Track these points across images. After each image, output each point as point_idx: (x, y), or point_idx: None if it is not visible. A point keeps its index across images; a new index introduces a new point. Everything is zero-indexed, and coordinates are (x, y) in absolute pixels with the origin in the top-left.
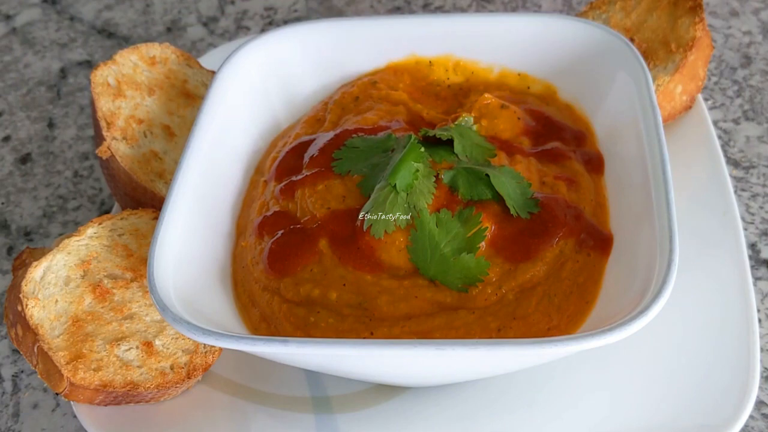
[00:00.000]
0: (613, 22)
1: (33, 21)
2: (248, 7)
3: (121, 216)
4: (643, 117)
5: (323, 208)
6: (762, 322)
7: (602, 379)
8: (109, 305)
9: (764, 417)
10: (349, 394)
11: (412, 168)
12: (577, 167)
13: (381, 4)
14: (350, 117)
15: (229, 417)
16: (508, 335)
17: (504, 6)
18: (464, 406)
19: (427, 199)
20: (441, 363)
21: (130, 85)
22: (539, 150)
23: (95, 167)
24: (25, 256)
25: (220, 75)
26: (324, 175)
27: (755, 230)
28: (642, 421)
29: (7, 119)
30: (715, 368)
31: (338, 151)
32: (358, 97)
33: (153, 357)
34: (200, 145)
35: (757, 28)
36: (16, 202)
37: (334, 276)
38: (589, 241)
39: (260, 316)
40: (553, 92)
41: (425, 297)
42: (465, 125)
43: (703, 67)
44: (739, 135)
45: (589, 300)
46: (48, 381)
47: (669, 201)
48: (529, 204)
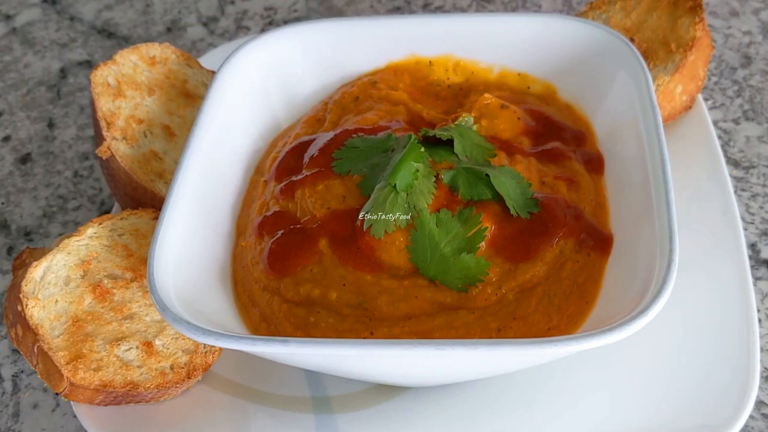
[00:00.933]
0: (613, 22)
1: (33, 21)
2: (248, 7)
3: (121, 216)
4: (643, 117)
5: (323, 208)
6: (762, 322)
7: (602, 379)
8: (109, 305)
9: (764, 417)
10: (349, 394)
11: (412, 168)
12: (577, 167)
13: (381, 4)
14: (350, 117)
15: (229, 417)
16: (508, 335)
17: (504, 6)
18: (464, 406)
19: (427, 199)
20: (441, 363)
21: (130, 85)
22: (539, 150)
23: (95, 167)
24: (25, 256)
25: (220, 75)
26: (324, 175)
27: (755, 230)
28: (642, 421)
29: (7, 119)
30: (715, 368)
31: (338, 151)
32: (358, 97)
33: (153, 357)
34: (200, 145)
35: (757, 28)
36: (16, 202)
37: (334, 276)
38: (589, 241)
39: (260, 316)
40: (553, 92)
41: (425, 297)
42: (465, 125)
43: (703, 67)
44: (739, 135)
45: (589, 300)
46: (48, 381)
47: (669, 201)
48: (529, 204)
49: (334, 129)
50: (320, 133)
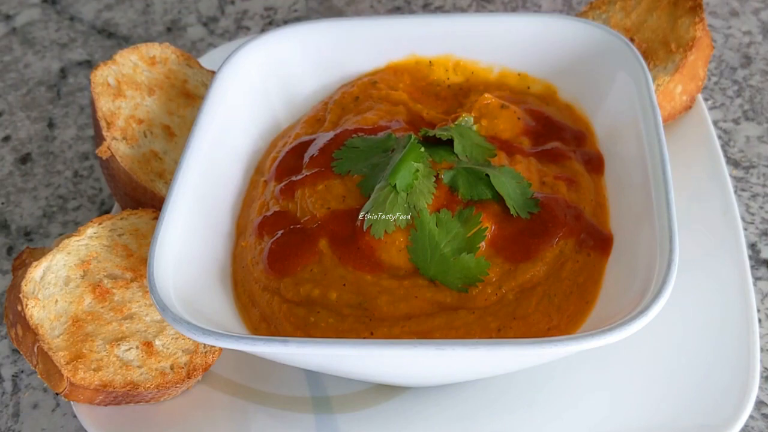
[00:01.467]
0: (613, 22)
1: (33, 21)
2: (248, 7)
3: (121, 216)
4: (643, 117)
5: (323, 208)
6: (762, 322)
7: (602, 379)
8: (109, 305)
9: (764, 417)
10: (349, 394)
11: (412, 168)
12: (577, 167)
13: (381, 4)
14: (350, 117)
15: (229, 417)
16: (508, 335)
17: (504, 6)
18: (464, 406)
19: (427, 199)
20: (441, 363)
21: (130, 85)
22: (539, 150)
23: (95, 167)
24: (25, 256)
25: (220, 75)
26: (324, 175)
27: (755, 230)
28: (642, 421)
29: (7, 119)
30: (715, 368)
31: (338, 151)
32: (358, 97)
33: (153, 357)
34: (200, 145)
35: (757, 28)
36: (16, 202)
37: (334, 276)
38: (589, 241)
39: (260, 316)
40: (553, 92)
41: (425, 297)
42: (465, 125)
43: (703, 67)
44: (739, 135)
45: (589, 300)
46: (48, 381)
47: (669, 201)
48: (529, 204)
49: (334, 129)
50: (320, 133)
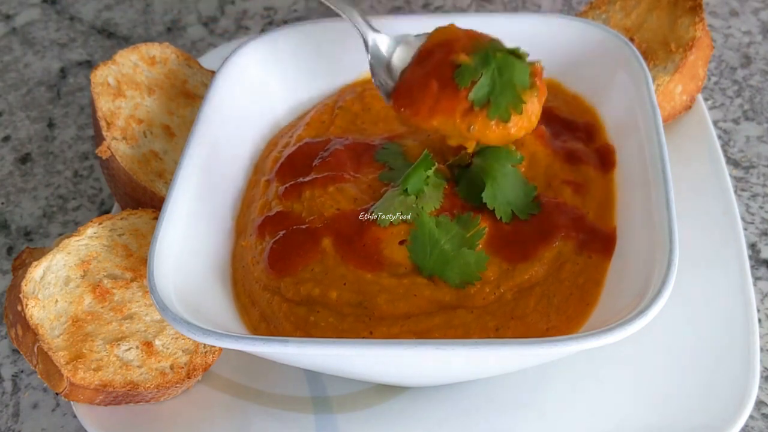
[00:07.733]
0: (613, 22)
1: (33, 21)
2: (248, 7)
3: (121, 216)
4: (643, 117)
5: (332, 209)
6: (762, 322)
7: (602, 379)
8: (109, 305)
9: (764, 417)
10: (349, 394)
11: (423, 175)
12: (590, 173)
13: (381, 4)
14: (360, 124)
15: (229, 417)
16: (506, 335)
17: (504, 6)
18: (464, 406)
19: (434, 205)
20: (441, 363)
21: (130, 85)
22: (561, 147)
23: (95, 167)
24: (25, 256)
25: (220, 75)
26: (340, 179)
27: (755, 230)
28: (642, 421)
29: (7, 119)
30: (715, 368)
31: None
32: (367, 105)
33: (153, 357)
34: (200, 144)
35: (757, 28)
36: (16, 202)
37: (334, 275)
38: (591, 244)
39: (260, 315)
40: (556, 85)
41: (424, 295)
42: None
43: (703, 67)
44: (739, 135)
45: (589, 302)
46: (48, 381)
47: (669, 201)
48: (531, 206)
49: (344, 135)
50: (334, 138)
